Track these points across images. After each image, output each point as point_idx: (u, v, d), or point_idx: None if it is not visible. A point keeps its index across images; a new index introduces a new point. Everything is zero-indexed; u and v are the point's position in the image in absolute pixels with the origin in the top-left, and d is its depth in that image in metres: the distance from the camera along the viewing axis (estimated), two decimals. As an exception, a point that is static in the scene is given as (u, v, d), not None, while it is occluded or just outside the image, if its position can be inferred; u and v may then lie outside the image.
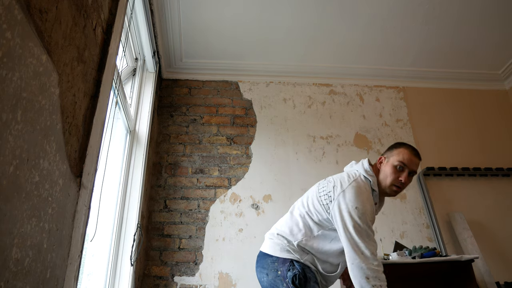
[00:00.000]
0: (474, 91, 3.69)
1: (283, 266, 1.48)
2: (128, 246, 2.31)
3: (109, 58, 1.42)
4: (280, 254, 1.52)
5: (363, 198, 1.47)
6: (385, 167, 1.58)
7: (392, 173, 1.54)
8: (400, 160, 1.54)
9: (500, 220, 3.06)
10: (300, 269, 1.46)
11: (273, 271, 1.50)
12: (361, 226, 1.43)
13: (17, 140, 0.81)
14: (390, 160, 1.58)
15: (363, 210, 1.44)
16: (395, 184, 1.54)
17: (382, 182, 1.57)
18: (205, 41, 3.20)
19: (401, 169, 1.54)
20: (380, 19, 3.03)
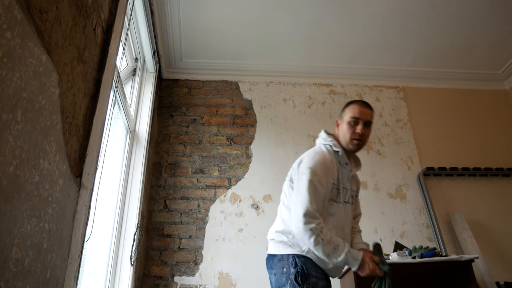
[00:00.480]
0: (474, 91, 3.69)
1: (288, 263, 1.51)
2: (128, 246, 2.31)
3: (109, 58, 1.42)
4: (284, 250, 1.55)
5: (316, 160, 1.56)
6: (342, 126, 1.68)
7: (348, 129, 1.64)
8: (352, 115, 1.65)
9: (500, 220, 3.06)
10: (301, 264, 1.48)
11: (280, 269, 1.53)
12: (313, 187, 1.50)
13: (17, 140, 0.81)
14: (344, 119, 1.68)
15: (315, 169, 1.53)
16: (354, 138, 1.63)
17: (343, 141, 1.66)
18: (205, 41, 3.20)
19: (356, 123, 1.64)
20: (380, 19, 3.03)
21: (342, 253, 1.42)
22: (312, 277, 1.46)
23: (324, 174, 1.54)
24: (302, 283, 1.43)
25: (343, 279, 2.52)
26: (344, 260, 1.42)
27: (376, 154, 3.27)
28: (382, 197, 3.07)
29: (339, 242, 1.44)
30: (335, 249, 1.42)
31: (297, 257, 1.50)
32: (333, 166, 1.59)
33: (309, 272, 1.46)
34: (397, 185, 3.14)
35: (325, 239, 1.42)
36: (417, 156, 3.27)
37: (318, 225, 1.44)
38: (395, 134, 3.38)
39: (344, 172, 1.64)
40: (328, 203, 1.56)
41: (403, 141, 3.35)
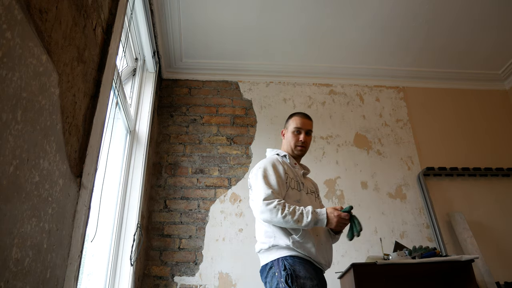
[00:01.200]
0: (474, 91, 3.69)
1: (278, 267, 1.57)
2: (128, 246, 2.31)
3: (109, 58, 1.42)
4: (272, 256, 1.62)
5: (265, 161, 1.80)
6: (287, 135, 1.94)
7: (292, 138, 1.89)
8: (295, 126, 1.90)
9: (500, 220, 3.06)
10: (290, 267, 1.54)
11: (272, 275, 1.59)
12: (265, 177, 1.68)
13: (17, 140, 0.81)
14: (288, 129, 1.94)
15: (264, 166, 1.75)
16: (297, 145, 1.89)
17: (289, 148, 1.91)
18: (205, 41, 3.20)
19: (299, 132, 1.89)
20: (380, 19, 3.03)
21: (309, 214, 1.55)
22: (300, 278, 1.51)
23: (274, 167, 1.74)
24: (292, 284, 1.49)
25: (343, 279, 2.52)
26: (313, 219, 1.55)
27: (376, 154, 3.27)
28: (382, 197, 3.07)
29: (303, 208, 1.58)
30: (302, 214, 1.55)
31: (285, 259, 1.57)
32: (281, 163, 1.80)
33: (297, 274, 1.52)
34: (397, 185, 3.14)
35: (290, 209, 1.56)
36: (417, 156, 3.27)
37: (280, 201, 1.58)
38: (395, 134, 3.38)
39: (295, 171, 1.85)
40: (292, 191, 1.72)
41: (403, 141, 3.35)
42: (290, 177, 1.77)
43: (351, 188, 3.09)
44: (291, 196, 1.71)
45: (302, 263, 1.57)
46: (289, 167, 1.83)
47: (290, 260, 1.56)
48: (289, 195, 1.71)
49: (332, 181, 3.10)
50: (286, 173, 1.76)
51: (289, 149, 1.91)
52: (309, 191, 1.84)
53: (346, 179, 3.12)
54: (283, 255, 1.59)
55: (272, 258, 1.61)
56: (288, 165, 1.85)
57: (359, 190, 3.09)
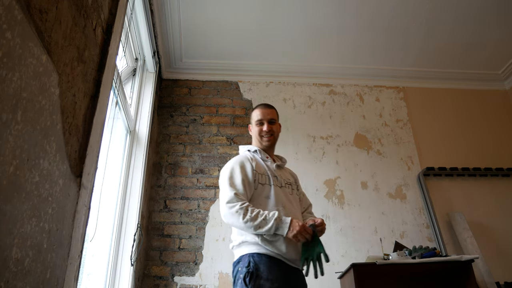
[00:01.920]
0: (474, 91, 3.69)
1: (243, 263, 1.54)
2: (128, 246, 2.31)
3: (109, 58, 1.42)
4: (241, 252, 1.60)
5: (230, 162, 1.78)
6: (252, 130, 1.93)
7: (256, 130, 1.88)
8: (256, 119, 1.89)
9: (500, 220, 3.06)
10: (254, 264, 1.50)
11: (236, 271, 1.56)
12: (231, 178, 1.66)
13: (17, 140, 0.81)
14: (252, 124, 1.93)
15: (229, 166, 1.73)
16: (262, 135, 1.87)
17: (257, 141, 1.89)
18: (205, 41, 3.20)
19: (261, 124, 1.88)
20: (380, 19, 3.03)
21: (272, 219, 1.51)
22: (261, 278, 1.46)
23: (241, 166, 1.70)
24: (249, 282, 1.45)
25: (343, 279, 2.52)
26: (274, 225, 1.50)
27: (376, 154, 3.27)
28: (382, 197, 3.07)
29: (268, 213, 1.54)
30: (264, 219, 1.51)
31: (253, 256, 1.53)
32: (249, 160, 1.77)
33: (259, 273, 1.48)
34: (397, 185, 3.14)
35: (253, 214, 1.52)
36: (417, 156, 3.27)
37: (243, 205, 1.54)
38: (395, 134, 3.38)
39: (268, 165, 1.81)
40: (261, 188, 1.68)
41: (403, 141, 3.35)
42: (260, 173, 1.73)
43: (351, 188, 3.09)
44: (260, 193, 1.67)
45: (268, 262, 1.51)
46: (258, 162, 1.79)
47: (257, 258, 1.52)
48: (258, 192, 1.67)
49: (332, 181, 3.10)
50: (255, 170, 1.72)
51: (258, 143, 1.88)
52: (285, 184, 1.79)
53: (346, 179, 3.12)
54: (251, 251, 1.55)
55: (241, 253, 1.59)
56: (259, 160, 1.81)
57: (359, 190, 3.09)
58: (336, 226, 2.91)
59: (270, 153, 1.90)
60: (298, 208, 1.79)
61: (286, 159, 1.98)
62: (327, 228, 2.87)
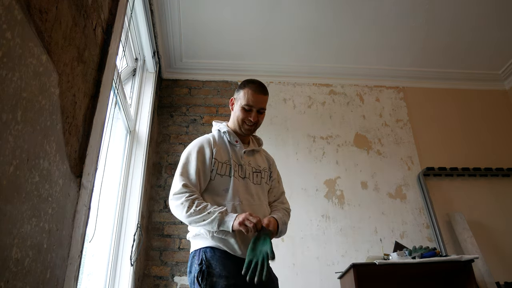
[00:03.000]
0: (474, 91, 3.69)
1: (196, 260, 1.43)
2: (128, 246, 2.31)
3: (109, 58, 1.42)
4: (195, 246, 1.48)
5: (190, 145, 1.61)
6: (235, 109, 1.64)
7: (241, 114, 1.60)
8: (246, 103, 1.58)
9: (500, 220, 3.06)
10: (205, 261, 1.39)
11: (190, 266, 1.45)
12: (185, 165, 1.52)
13: (17, 140, 0.81)
14: (238, 102, 1.63)
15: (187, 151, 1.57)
16: (245, 124, 1.61)
17: (235, 123, 1.63)
18: (205, 41, 3.20)
19: (250, 110, 1.59)
20: (380, 19, 3.03)
21: (216, 212, 1.37)
22: (213, 276, 1.35)
23: (199, 152, 1.54)
24: (201, 281, 1.34)
25: (343, 279, 2.52)
26: (217, 220, 1.36)
27: (376, 154, 3.27)
28: (382, 197, 3.07)
29: (214, 207, 1.40)
30: (209, 213, 1.37)
31: (205, 252, 1.41)
32: (210, 144, 1.58)
33: (211, 270, 1.36)
34: (397, 185, 3.14)
35: (198, 208, 1.39)
36: (417, 156, 3.27)
37: (189, 197, 1.41)
38: (395, 134, 3.38)
39: (236, 150, 1.61)
40: (220, 179, 1.52)
41: (403, 141, 3.35)
42: (221, 161, 1.55)
43: (351, 188, 3.09)
44: (219, 185, 1.51)
45: (222, 257, 1.40)
46: (222, 148, 1.60)
47: (209, 253, 1.40)
48: (217, 183, 1.51)
49: (332, 181, 3.10)
50: (215, 158, 1.54)
51: (236, 126, 1.63)
52: (251, 172, 1.60)
53: (346, 179, 3.12)
54: (204, 245, 1.43)
55: (195, 247, 1.47)
56: (224, 145, 1.61)
57: (359, 190, 3.09)
58: (336, 226, 2.91)
59: (243, 138, 1.67)
60: (262, 200, 1.59)
61: (262, 141, 1.76)
62: (327, 228, 2.90)
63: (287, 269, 2.65)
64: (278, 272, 1.56)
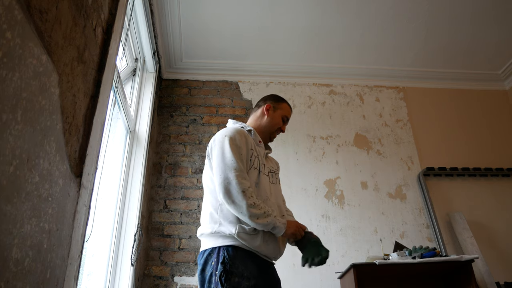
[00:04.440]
0: (474, 91, 3.69)
1: (217, 258, 1.40)
2: (128, 246, 2.31)
3: (109, 58, 1.42)
4: (213, 243, 1.44)
5: (231, 129, 1.60)
6: (274, 115, 1.78)
7: (280, 122, 1.78)
8: (286, 114, 1.80)
9: (500, 220, 3.06)
10: (228, 260, 1.37)
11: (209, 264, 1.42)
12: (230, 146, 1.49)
13: (17, 140, 0.81)
14: (277, 111, 1.79)
15: (231, 135, 1.54)
16: (279, 131, 1.80)
17: (267, 126, 1.76)
18: (205, 41, 3.20)
19: (284, 122, 1.80)
20: (380, 19, 3.03)
21: (271, 216, 1.40)
22: (236, 276, 1.34)
23: (241, 138, 1.55)
24: (225, 282, 1.33)
25: (343, 279, 2.52)
26: (272, 222, 1.39)
27: (376, 154, 3.27)
28: (382, 197, 3.07)
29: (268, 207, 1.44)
30: (265, 213, 1.39)
31: (227, 250, 1.39)
32: (248, 136, 1.62)
33: (233, 270, 1.35)
34: (397, 185, 3.14)
35: (258, 202, 1.40)
36: (417, 156, 3.27)
37: (250, 187, 1.42)
38: (395, 134, 3.38)
39: (258, 150, 1.66)
40: (253, 172, 1.54)
41: (403, 141, 3.35)
42: (255, 155, 1.58)
43: (351, 188, 3.09)
44: (251, 177, 1.52)
45: (244, 257, 1.39)
46: (253, 143, 1.64)
47: (232, 252, 1.38)
48: (249, 175, 1.51)
49: (332, 181, 3.10)
50: (252, 149, 1.58)
51: (265, 130, 1.74)
52: (269, 171, 1.67)
53: (346, 179, 3.12)
54: (225, 244, 1.40)
55: (212, 244, 1.43)
56: (253, 141, 1.66)
57: (359, 190, 3.09)
58: (336, 226, 2.91)
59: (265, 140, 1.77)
60: (279, 199, 1.66)
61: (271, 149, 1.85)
62: (327, 228, 2.90)
63: (287, 269, 2.65)
64: (278, 272, 1.56)
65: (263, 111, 1.79)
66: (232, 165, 1.44)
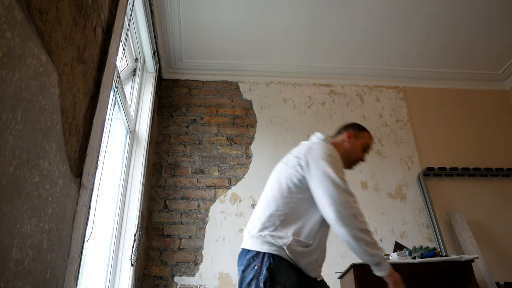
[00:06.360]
0: (474, 91, 3.69)
1: (261, 262, 1.40)
2: (128, 246, 2.31)
3: (109, 58, 1.42)
4: (261, 247, 1.43)
5: (331, 151, 1.58)
6: (356, 143, 1.77)
7: (361, 151, 1.76)
8: (369, 143, 1.80)
9: (500, 220, 3.06)
10: (274, 267, 1.37)
11: (250, 265, 1.42)
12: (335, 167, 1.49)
13: (17, 140, 0.81)
14: (360, 140, 1.78)
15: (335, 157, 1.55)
16: (359, 160, 1.77)
17: (349, 155, 1.73)
18: (205, 41, 3.20)
19: (365, 152, 1.79)
20: (380, 19, 3.03)
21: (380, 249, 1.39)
22: (279, 284, 1.35)
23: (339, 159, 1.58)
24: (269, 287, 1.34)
25: (343, 279, 2.52)
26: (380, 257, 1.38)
27: (376, 154, 3.27)
28: (382, 197, 3.07)
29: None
30: (377, 244, 1.39)
31: (273, 257, 1.39)
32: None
33: (277, 278, 1.36)
34: (397, 185, 3.14)
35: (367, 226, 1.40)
36: (417, 156, 3.27)
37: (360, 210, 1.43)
38: (395, 134, 3.38)
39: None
40: None
41: (403, 141, 3.35)
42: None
43: (351, 188, 3.08)
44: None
45: (288, 268, 1.40)
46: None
47: (277, 261, 1.38)
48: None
49: (332, 181, 3.10)
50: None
51: (347, 157, 1.71)
52: None
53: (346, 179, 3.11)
54: (271, 251, 1.40)
55: (258, 248, 1.42)
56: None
57: (359, 190, 3.09)
58: (336, 226, 2.91)
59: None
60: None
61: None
62: (327, 228, 2.89)
63: (287, 269, 2.65)
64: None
65: (344, 139, 1.79)
66: (343, 187, 1.45)
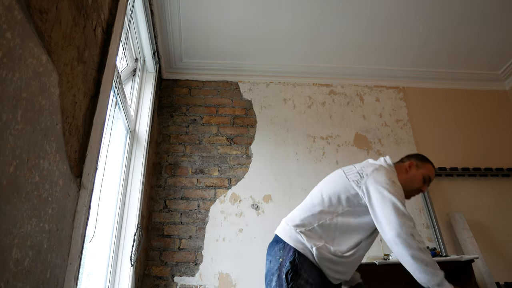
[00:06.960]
0: (474, 91, 3.69)
1: (287, 254, 1.45)
2: (128, 246, 2.31)
3: (109, 58, 1.42)
4: (289, 240, 1.49)
5: (394, 178, 1.58)
6: (416, 173, 1.74)
7: (421, 181, 1.72)
8: (430, 175, 1.75)
9: (500, 220, 3.06)
10: (298, 262, 1.42)
11: (276, 257, 1.48)
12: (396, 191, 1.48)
13: (17, 140, 0.81)
14: (421, 170, 1.75)
15: (398, 185, 1.54)
16: (419, 191, 1.73)
17: (408, 184, 1.70)
18: (205, 41, 3.20)
19: (426, 182, 1.74)
20: (380, 19, 3.03)
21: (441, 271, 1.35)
22: (302, 278, 1.39)
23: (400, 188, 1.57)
24: (290, 280, 1.38)
25: (343, 279, 2.52)
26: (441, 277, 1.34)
27: (376, 154, 3.27)
28: (382, 197, 3.06)
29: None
30: (436, 264, 1.36)
31: (298, 253, 1.44)
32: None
33: (301, 273, 1.40)
34: (397, 185, 3.13)
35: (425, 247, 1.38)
36: (417, 156, 3.27)
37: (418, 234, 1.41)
38: (395, 134, 3.38)
39: None
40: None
41: (403, 141, 3.35)
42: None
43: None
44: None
45: (310, 266, 1.44)
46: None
47: (302, 258, 1.43)
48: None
49: (332, 181, 3.10)
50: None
51: (408, 186, 1.69)
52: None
53: (346, 179, 3.11)
54: (298, 248, 1.45)
55: (287, 239, 1.49)
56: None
57: (359, 190, 3.08)
58: (336, 226, 2.91)
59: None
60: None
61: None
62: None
63: (287, 269, 2.65)
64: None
65: (406, 168, 1.78)
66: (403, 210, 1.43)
